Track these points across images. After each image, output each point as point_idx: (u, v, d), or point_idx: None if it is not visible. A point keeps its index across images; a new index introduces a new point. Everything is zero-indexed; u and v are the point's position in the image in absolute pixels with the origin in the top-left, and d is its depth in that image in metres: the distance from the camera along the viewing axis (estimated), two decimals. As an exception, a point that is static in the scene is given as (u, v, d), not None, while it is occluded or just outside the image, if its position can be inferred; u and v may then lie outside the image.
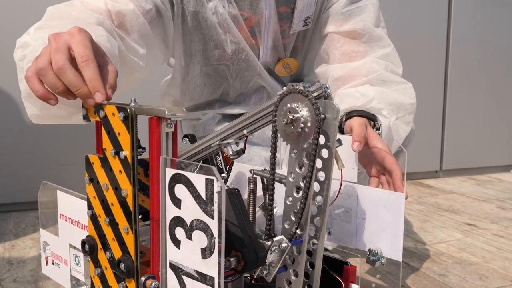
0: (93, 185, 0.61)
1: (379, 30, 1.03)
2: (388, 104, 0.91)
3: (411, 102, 0.97)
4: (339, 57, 1.03)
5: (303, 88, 0.60)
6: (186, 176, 0.50)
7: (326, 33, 1.05)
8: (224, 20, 0.99)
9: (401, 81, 0.99)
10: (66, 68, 0.58)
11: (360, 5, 1.02)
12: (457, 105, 2.28)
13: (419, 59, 2.12)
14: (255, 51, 1.05)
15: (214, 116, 1.14)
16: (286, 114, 0.60)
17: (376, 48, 1.02)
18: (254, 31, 1.03)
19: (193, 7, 0.98)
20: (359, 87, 0.95)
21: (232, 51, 1.03)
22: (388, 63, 1.01)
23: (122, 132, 0.55)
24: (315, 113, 0.57)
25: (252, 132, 0.71)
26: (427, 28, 2.15)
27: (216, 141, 0.73)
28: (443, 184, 2.16)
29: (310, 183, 0.59)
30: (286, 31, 1.04)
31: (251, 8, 1.00)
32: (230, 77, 1.09)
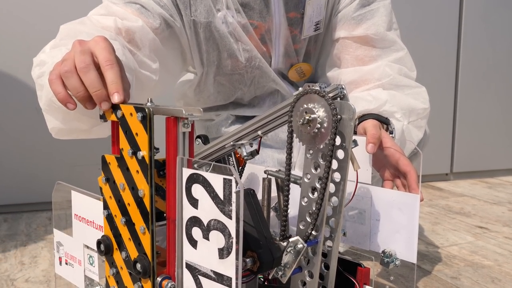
0: (110, 185, 0.61)
1: (392, 33, 1.02)
2: (400, 108, 0.91)
3: (424, 106, 0.96)
4: (351, 62, 1.02)
5: (320, 88, 0.60)
6: (204, 176, 0.51)
7: (337, 38, 1.04)
8: (235, 29, 0.99)
9: (414, 85, 0.99)
10: (90, 68, 0.60)
11: (371, 9, 1.01)
12: (468, 108, 2.27)
13: (430, 62, 2.11)
14: (267, 58, 1.05)
15: (227, 117, 1.14)
16: (302, 114, 0.60)
17: (389, 52, 1.01)
18: (265, 39, 1.02)
19: (204, 18, 0.97)
20: (372, 91, 0.95)
21: (246, 59, 1.03)
22: (402, 67, 1.00)
23: (140, 132, 0.56)
24: (331, 113, 0.57)
25: (266, 133, 0.71)
26: (438, 30, 2.14)
27: (230, 142, 0.73)
28: (453, 187, 2.15)
29: (326, 184, 0.59)
30: (297, 36, 1.03)
31: (261, 16, 0.99)
32: (244, 85, 1.08)
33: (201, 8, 0.97)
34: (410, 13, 2.06)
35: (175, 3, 0.96)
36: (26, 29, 1.60)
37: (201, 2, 0.97)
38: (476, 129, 2.30)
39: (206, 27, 0.98)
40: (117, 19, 0.89)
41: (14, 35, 1.60)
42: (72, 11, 1.61)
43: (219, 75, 1.06)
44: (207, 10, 0.97)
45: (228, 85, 1.09)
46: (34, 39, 1.59)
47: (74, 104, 0.64)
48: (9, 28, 1.59)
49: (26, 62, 1.58)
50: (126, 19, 0.90)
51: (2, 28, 1.59)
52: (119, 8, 0.91)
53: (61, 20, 1.58)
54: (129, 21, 0.90)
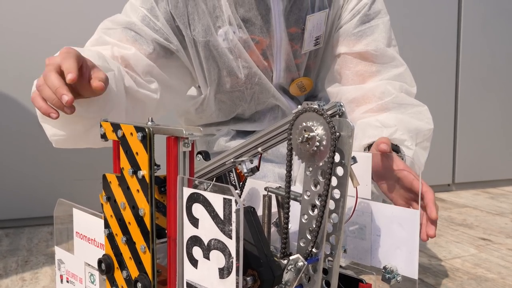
0: (110, 204, 0.61)
1: (391, 49, 1.03)
2: (408, 131, 0.91)
3: (429, 127, 0.97)
4: (352, 78, 1.03)
5: (318, 106, 0.60)
6: (204, 195, 0.51)
7: (338, 53, 1.05)
8: (235, 46, 1.00)
9: (416, 104, 0.99)
10: (51, 74, 0.70)
11: (371, 25, 1.02)
12: (469, 118, 2.27)
13: (429, 72, 2.12)
14: (268, 73, 1.05)
15: (228, 132, 1.15)
16: (301, 132, 0.60)
17: (389, 67, 1.01)
18: (266, 54, 1.03)
19: (202, 37, 0.99)
20: (379, 116, 0.95)
21: (245, 76, 1.04)
22: (402, 84, 1.01)
23: (140, 152, 0.56)
24: (330, 131, 0.58)
25: (266, 149, 0.71)
26: (437, 39, 2.15)
27: (230, 159, 0.74)
28: (456, 198, 2.15)
29: (325, 202, 0.60)
30: (297, 51, 1.04)
31: (262, 32, 1.00)
32: (244, 101, 1.09)
33: (199, 27, 0.99)
34: (409, 22, 2.07)
35: (173, 24, 0.99)
36: (27, 43, 1.61)
37: (199, 22, 0.98)
38: (477, 139, 2.30)
39: (205, 46, 1.00)
40: (114, 48, 0.95)
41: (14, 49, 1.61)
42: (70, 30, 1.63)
43: (219, 93, 1.07)
44: (205, 29, 0.99)
45: (228, 102, 1.10)
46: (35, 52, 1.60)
47: (56, 113, 0.72)
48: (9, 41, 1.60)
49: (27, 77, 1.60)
50: (120, 46, 0.96)
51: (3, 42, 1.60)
52: (112, 38, 0.97)
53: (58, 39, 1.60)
54: (123, 49, 0.96)
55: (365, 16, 1.01)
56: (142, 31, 0.97)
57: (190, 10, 0.98)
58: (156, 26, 0.98)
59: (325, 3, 1.01)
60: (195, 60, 1.02)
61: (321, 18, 1.01)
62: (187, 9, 0.98)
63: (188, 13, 0.98)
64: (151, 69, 0.98)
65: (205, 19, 0.98)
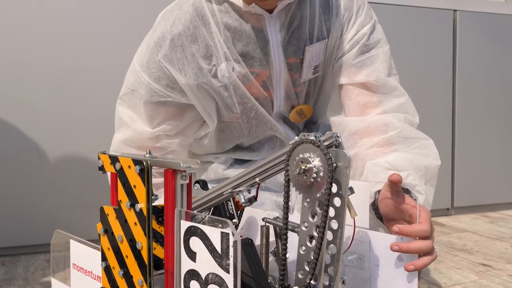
0: (108, 236, 0.61)
1: (392, 79, 1.02)
2: (418, 172, 0.90)
3: (437, 164, 0.95)
4: (354, 109, 1.02)
5: (315, 138, 0.61)
6: (201, 229, 0.51)
7: (339, 84, 1.04)
8: (231, 83, 1.00)
9: (422, 137, 0.98)
10: None
11: (371, 55, 1.01)
12: (466, 142, 2.28)
13: (426, 98, 2.13)
14: (268, 103, 1.06)
15: (226, 160, 1.15)
16: (298, 164, 0.60)
17: (391, 97, 1.01)
18: (266, 85, 1.03)
19: (194, 81, 0.99)
20: (387, 156, 0.93)
21: (241, 111, 1.04)
22: (406, 115, 1.00)
23: (137, 185, 0.56)
24: (327, 163, 0.58)
25: (264, 179, 0.71)
26: (432, 66, 2.17)
27: (228, 189, 0.74)
28: (455, 222, 2.14)
29: (323, 233, 0.60)
30: (297, 80, 1.04)
31: (261, 64, 1.00)
32: (242, 135, 1.10)
33: (189, 71, 0.99)
34: (404, 50, 2.09)
35: (170, 74, 1.00)
36: (26, 69, 1.62)
37: (189, 66, 0.98)
38: (475, 162, 2.30)
39: (198, 87, 1.00)
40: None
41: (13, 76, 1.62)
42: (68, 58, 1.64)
43: (219, 122, 1.08)
44: (196, 72, 0.99)
45: (228, 132, 1.10)
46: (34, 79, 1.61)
47: None
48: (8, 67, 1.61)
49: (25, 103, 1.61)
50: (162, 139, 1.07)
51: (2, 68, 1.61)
52: (139, 125, 1.05)
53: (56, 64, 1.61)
54: (166, 143, 1.07)
55: (364, 46, 1.01)
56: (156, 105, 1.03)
57: (179, 56, 0.98)
58: (161, 91, 1.01)
59: (324, 33, 1.01)
60: (195, 102, 1.03)
61: (320, 48, 1.02)
62: (176, 55, 0.98)
63: (177, 59, 0.98)
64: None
65: (195, 62, 0.98)
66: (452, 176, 2.27)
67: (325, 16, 1.01)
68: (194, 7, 0.98)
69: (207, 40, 0.98)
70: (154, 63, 1.00)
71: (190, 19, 0.98)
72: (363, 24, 1.02)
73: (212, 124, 1.08)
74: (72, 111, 1.65)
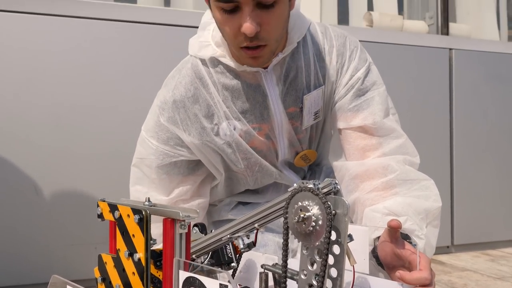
0: (105, 285, 0.61)
1: (390, 120, 1.03)
2: (417, 214, 0.90)
3: (438, 205, 0.95)
4: (353, 152, 1.02)
5: (314, 185, 0.61)
6: (200, 280, 0.51)
7: (337, 128, 1.05)
8: (233, 140, 1.02)
9: (422, 178, 0.98)
10: None
11: (367, 98, 1.02)
12: (465, 179, 2.28)
13: (423, 135, 2.14)
14: (273, 153, 1.07)
15: (230, 202, 1.15)
16: (297, 212, 0.61)
17: (389, 139, 1.01)
18: (270, 136, 1.04)
19: (198, 140, 1.01)
20: (386, 202, 0.93)
21: (245, 166, 1.05)
22: (406, 156, 1.00)
23: (136, 234, 0.56)
24: (326, 211, 0.58)
25: (263, 225, 0.71)
26: (430, 104, 2.19)
27: (227, 235, 0.73)
28: (455, 260, 2.12)
29: (322, 283, 0.59)
30: (298, 127, 1.05)
31: (262, 118, 1.02)
32: (248, 185, 1.11)
33: (193, 131, 1.00)
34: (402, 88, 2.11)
35: (177, 137, 1.01)
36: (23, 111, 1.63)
37: (192, 126, 1.00)
38: (474, 200, 2.30)
39: (202, 146, 1.01)
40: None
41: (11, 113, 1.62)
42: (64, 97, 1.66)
43: (227, 172, 1.09)
44: (199, 132, 1.00)
45: (235, 180, 1.12)
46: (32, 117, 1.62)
47: None
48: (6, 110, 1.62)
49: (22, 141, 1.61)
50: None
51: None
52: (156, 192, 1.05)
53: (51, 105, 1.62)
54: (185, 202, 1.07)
55: (359, 90, 1.02)
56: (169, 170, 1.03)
57: (182, 117, 1.00)
58: (171, 151, 1.02)
59: (320, 80, 1.03)
60: (201, 157, 1.04)
61: (317, 95, 1.03)
62: (179, 116, 1.00)
63: (181, 120, 1.00)
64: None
65: (198, 122, 1.00)
66: (451, 214, 2.26)
67: (320, 63, 1.02)
68: (193, 70, 1.01)
69: (208, 100, 1.00)
70: (160, 126, 1.01)
71: (190, 81, 1.00)
72: (357, 68, 1.03)
73: (219, 177, 1.09)
74: (70, 149, 1.65)
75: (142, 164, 1.05)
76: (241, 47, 0.90)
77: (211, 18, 1.02)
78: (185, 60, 1.05)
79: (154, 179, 1.04)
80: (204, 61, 1.00)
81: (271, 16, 0.87)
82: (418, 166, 1.03)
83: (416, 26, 2.22)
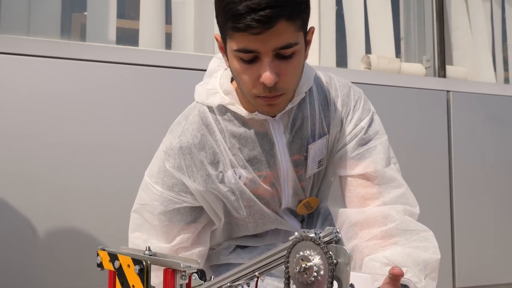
0: (103, 337, 0.59)
1: (391, 170, 1.03)
2: (416, 265, 0.90)
3: (436, 258, 0.95)
4: (353, 200, 1.02)
5: (315, 235, 0.61)
6: (200, 333, 0.50)
7: (338, 175, 1.06)
8: (237, 188, 1.02)
9: (421, 229, 0.98)
10: None
11: (369, 147, 1.03)
12: (465, 221, 2.26)
13: (422, 178, 2.14)
14: (276, 201, 1.07)
15: (228, 246, 1.14)
16: (299, 262, 0.60)
17: (390, 189, 1.01)
18: (274, 184, 1.05)
19: (203, 187, 1.00)
20: (385, 251, 0.93)
21: (247, 213, 1.05)
22: (406, 207, 1.00)
23: (136, 284, 0.56)
24: (328, 262, 0.58)
25: (263, 273, 0.71)
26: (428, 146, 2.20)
27: (227, 283, 0.72)
28: (458, 304, 2.08)
29: (325, 334, 0.58)
30: (302, 175, 1.06)
31: (269, 166, 1.02)
32: (248, 231, 1.11)
33: (198, 178, 1.00)
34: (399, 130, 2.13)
35: (182, 183, 1.01)
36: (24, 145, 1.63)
37: (198, 173, 1.00)
38: (475, 243, 2.28)
39: (206, 192, 1.01)
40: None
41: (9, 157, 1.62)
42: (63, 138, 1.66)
43: (227, 217, 1.08)
44: (205, 179, 1.00)
45: (235, 226, 1.11)
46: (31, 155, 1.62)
47: None
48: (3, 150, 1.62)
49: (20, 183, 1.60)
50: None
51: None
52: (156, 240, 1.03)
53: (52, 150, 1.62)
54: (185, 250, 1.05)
55: (362, 140, 1.03)
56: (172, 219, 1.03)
57: (188, 164, 1.00)
58: (176, 198, 1.02)
59: (325, 129, 1.04)
60: (203, 203, 1.04)
61: (322, 144, 1.04)
62: (185, 163, 1.00)
63: (187, 167, 1.00)
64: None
65: (203, 169, 1.00)
66: (452, 257, 2.24)
67: (325, 113, 1.04)
68: (200, 116, 1.01)
69: (214, 148, 1.00)
70: (165, 172, 1.01)
71: (197, 128, 1.01)
72: (361, 118, 1.04)
73: (218, 222, 1.08)
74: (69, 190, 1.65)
75: (143, 210, 1.04)
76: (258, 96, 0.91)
77: (218, 66, 1.04)
78: (191, 106, 1.05)
79: (155, 226, 1.02)
80: (211, 108, 1.01)
81: (289, 66, 0.88)
82: (418, 217, 1.03)
83: (413, 69, 2.26)
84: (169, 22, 1.90)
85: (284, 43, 0.85)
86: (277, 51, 0.85)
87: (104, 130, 1.68)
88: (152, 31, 1.83)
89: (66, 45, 1.62)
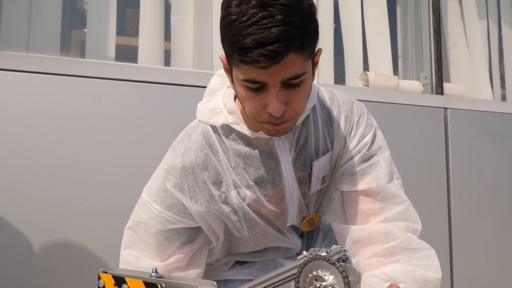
0: None
1: (393, 186, 1.03)
2: (416, 282, 0.89)
3: (437, 277, 0.93)
4: (355, 216, 1.02)
5: (327, 253, 0.60)
6: None
7: (340, 191, 1.05)
8: (240, 209, 1.00)
9: (423, 247, 0.97)
10: None
11: (372, 163, 1.02)
12: (464, 239, 2.25)
13: (420, 195, 2.13)
14: (280, 220, 1.06)
15: (227, 262, 1.12)
16: (312, 281, 0.59)
17: (392, 204, 1.00)
18: (279, 203, 1.03)
19: (205, 208, 0.98)
20: (385, 268, 0.93)
21: (249, 233, 1.04)
22: (408, 223, 0.99)
23: (146, 307, 0.54)
24: (344, 281, 0.57)
25: (272, 293, 0.69)
26: (426, 163, 2.20)
27: (236, 303, 0.71)
28: (458, 323, 2.06)
29: None
30: (306, 192, 1.05)
31: (274, 184, 1.00)
32: (248, 248, 1.09)
33: (201, 198, 0.98)
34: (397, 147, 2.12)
35: (181, 204, 0.99)
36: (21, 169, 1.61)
37: (200, 193, 0.98)
38: (474, 260, 2.27)
39: (208, 213, 0.99)
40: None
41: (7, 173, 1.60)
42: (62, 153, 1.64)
43: (227, 235, 1.07)
44: (207, 200, 0.98)
45: (235, 243, 1.10)
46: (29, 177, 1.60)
47: None
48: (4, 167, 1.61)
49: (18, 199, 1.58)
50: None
51: None
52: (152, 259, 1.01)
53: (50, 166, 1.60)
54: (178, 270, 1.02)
55: (365, 155, 1.02)
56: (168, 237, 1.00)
57: (190, 184, 0.97)
58: (174, 218, 0.99)
59: (328, 145, 1.03)
60: (202, 224, 1.01)
61: (326, 160, 1.03)
62: (187, 183, 0.97)
63: (189, 187, 0.97)
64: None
65: (206, 189, 0.98)
66: (451, 273, 2.22)
67: (328, 129, 1.03)
68: (203, 136, 0.99)
69: (217, 168, 0.98)
70: (165, 191, 0.98)
71: (200, 148, 0.98)
72: (364, 134, 1.04)
73: (216, 241, 1.06)
74: (67, 206, 1.62)
75: (138, 227, 1.01)
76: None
77: (221, 83, 1.02)
78: (193, 125, 1.03)
79: (150, 244, 1.00)
80: (215, 127, 0.99)
81: (297, 94, 0.86)
82: (420, 233, 1.02)
83: (411, 86, 2.27)
84: (168, 39, 1.90)
85: (292, 74, 0.82)
86: (285, 81, 0.83)
87: (103, 146, 1.66)
88: (151, 48, 1.83)
89: (66, 62, 1.61)
